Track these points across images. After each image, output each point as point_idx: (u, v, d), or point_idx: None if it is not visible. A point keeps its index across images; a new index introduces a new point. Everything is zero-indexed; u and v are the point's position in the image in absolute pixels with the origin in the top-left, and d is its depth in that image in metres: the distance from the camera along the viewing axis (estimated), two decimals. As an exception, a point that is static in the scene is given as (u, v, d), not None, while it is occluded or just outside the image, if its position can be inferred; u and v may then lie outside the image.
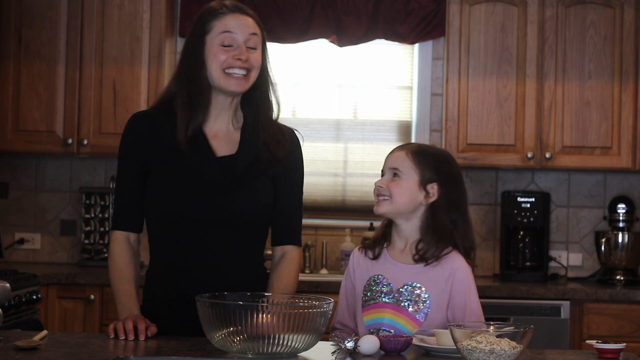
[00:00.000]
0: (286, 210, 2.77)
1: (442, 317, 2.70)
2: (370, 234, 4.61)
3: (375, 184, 2.76)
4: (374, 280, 2.75)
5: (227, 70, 2.65)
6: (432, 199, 2.74)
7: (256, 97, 2.74)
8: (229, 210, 2.66)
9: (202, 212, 2.65)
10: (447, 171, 2.77)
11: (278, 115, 2.77)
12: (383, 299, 2.72)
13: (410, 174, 2.73)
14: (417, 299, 2.69)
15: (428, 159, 2.76)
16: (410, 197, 2.73)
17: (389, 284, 2.73)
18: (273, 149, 2.72)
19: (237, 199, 2.67)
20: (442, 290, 2.70)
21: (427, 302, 2.69)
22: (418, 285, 2.71)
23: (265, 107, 2.74)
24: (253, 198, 2.69)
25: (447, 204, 2.75)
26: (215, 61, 2.65)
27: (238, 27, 2.67)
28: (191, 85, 2.67)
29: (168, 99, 2.73)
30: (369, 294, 2.75)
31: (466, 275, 2.72)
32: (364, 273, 2.79)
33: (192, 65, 2.67)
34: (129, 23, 4.83)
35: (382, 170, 2.80)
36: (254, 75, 2.69)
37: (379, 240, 2.81)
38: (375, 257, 2.78)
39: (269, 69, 2.76)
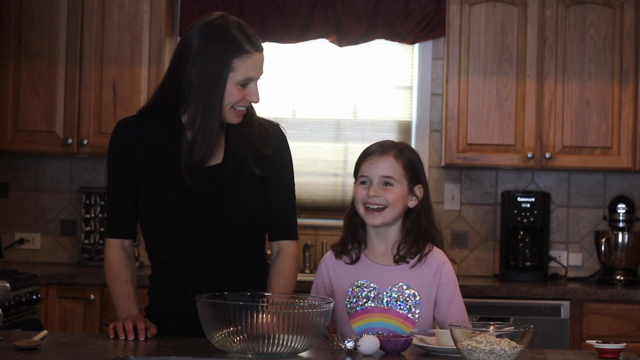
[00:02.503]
0: (279, 205, 2.75)
1: (432, 314, 2.73)
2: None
3: (369, 194, 2.71)
4: (357, 286, 2.74)
5: (235, 107, 2.63)
6: (417, 201, 2.76)
7: None
8: (221, 219, 2.66)
9: (197, 223, 2.64)
10: (422, 170, 2.79)
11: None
12: (370, 303, 2.72)
13: (401, 181, 2.73)
14: (407, 299, 2.70)
15: (413, 162, 2.76)
16: (403, 204, 2.74)
17: (375, 287, 2.73)
18: (260, 147, 2.70)
19: (230, 206, 2.66)
20: (430, 287, 2.71)
21: (419, 301, 2.70)
22: (407, 285, 2.71)
23: (249, 109, 2.72)
24: (246, 203, 2.68)
25: (426, 204, 2.77)
26: (230, 99, 2.61)
27: (258, 71, 2.63)
28: (213, 118, 2.61)
29: (158, 104, 2.69)
30: (354, 300, 2.73)
31: (451, 270, 2.76)
32: (344, 279, 2.76)
33: (213, 98, 2.61)
34: (129, 23, 4.83)
35: (364, 177, 2.74)
36: None
37: (352, 244, 2.78)
38: (353, 262, 2.77)
39: None
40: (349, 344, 2.38)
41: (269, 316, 2.23)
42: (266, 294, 2.59)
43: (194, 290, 2.53)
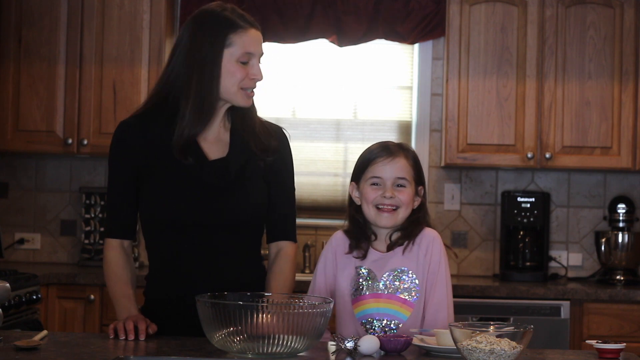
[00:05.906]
0: (279, 207, 2.77)
1: None
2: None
3: (384, 195, 2.74)
4: (357, 273, 2.77)
5: (243, 88, 2.65)
6: (419, 201, 2.80)
7: None
8: (225, 213, 2.66)
9: (198, 216, 2.65)
10: (422, 169, 2.85)
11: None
12: (369, 289, 2.75)
13: (411, 182, 2.78)
14: (405, 282, 2.72)
15: (417, 162, 2.83)
16: (412, 204, 2.79)
17: (373, 274, 2.75)
18: (264, 139, 2.72)
19: (232, 201, 2.67)
20: (424, 266, 2.75)
21: (416, 282, 2.74)
22: (404, 269, 2.74)
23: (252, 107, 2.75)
24: (248, 200, 2.69)
25: (425, 202, 2.84)
26: (233, 78, 2.63)
27: (257, 47, 2.66)
28: (203, 95, 2.63)
29: (157, 102, 2.70)
30: (354, 286, 2.76)
31: (440, 247, 2.77)
32: (347, 265, 2.80)
33: (207, 75, 2.62)
34: (129, 23, 4.83)
35: (376, 178, 2.77)
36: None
37: (363, 240, 2.81)
38: (362, 257, 2.79)
39: None
40: (349, 344, 2.38)
41: (269, 316, 2.23)
42: (266, 294, 2.60)
43: (192, 289, 2.54)
